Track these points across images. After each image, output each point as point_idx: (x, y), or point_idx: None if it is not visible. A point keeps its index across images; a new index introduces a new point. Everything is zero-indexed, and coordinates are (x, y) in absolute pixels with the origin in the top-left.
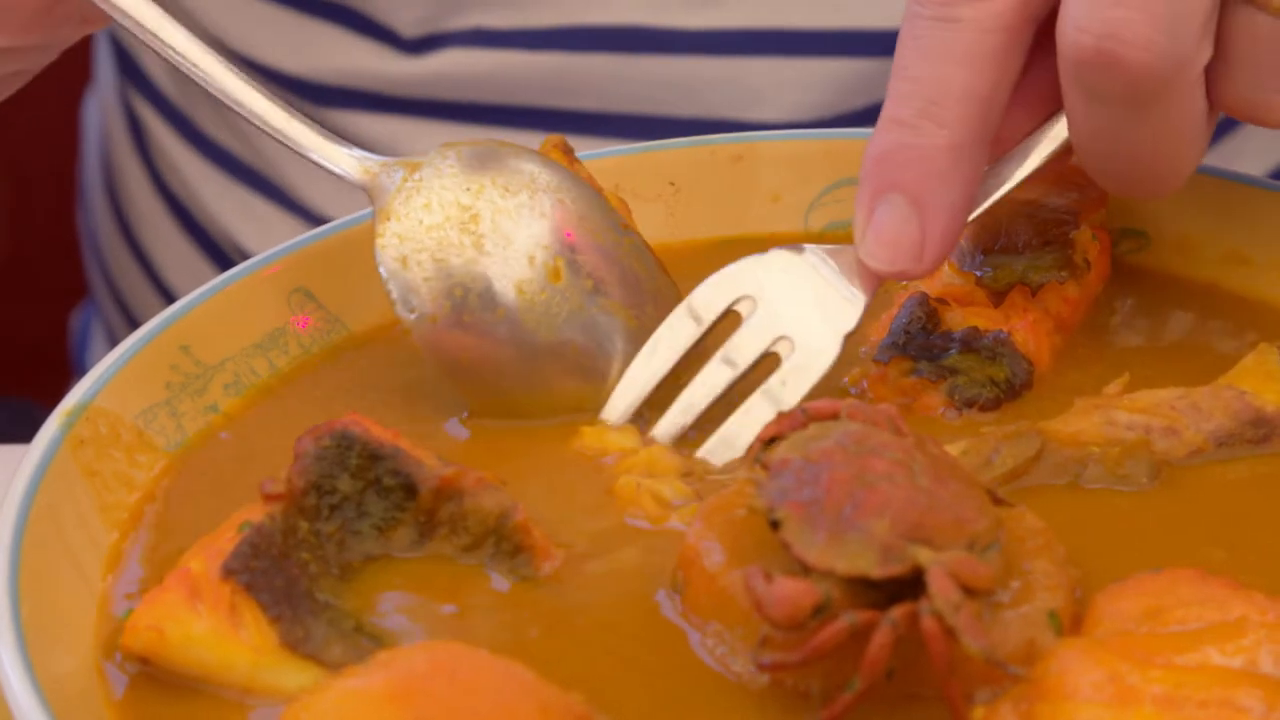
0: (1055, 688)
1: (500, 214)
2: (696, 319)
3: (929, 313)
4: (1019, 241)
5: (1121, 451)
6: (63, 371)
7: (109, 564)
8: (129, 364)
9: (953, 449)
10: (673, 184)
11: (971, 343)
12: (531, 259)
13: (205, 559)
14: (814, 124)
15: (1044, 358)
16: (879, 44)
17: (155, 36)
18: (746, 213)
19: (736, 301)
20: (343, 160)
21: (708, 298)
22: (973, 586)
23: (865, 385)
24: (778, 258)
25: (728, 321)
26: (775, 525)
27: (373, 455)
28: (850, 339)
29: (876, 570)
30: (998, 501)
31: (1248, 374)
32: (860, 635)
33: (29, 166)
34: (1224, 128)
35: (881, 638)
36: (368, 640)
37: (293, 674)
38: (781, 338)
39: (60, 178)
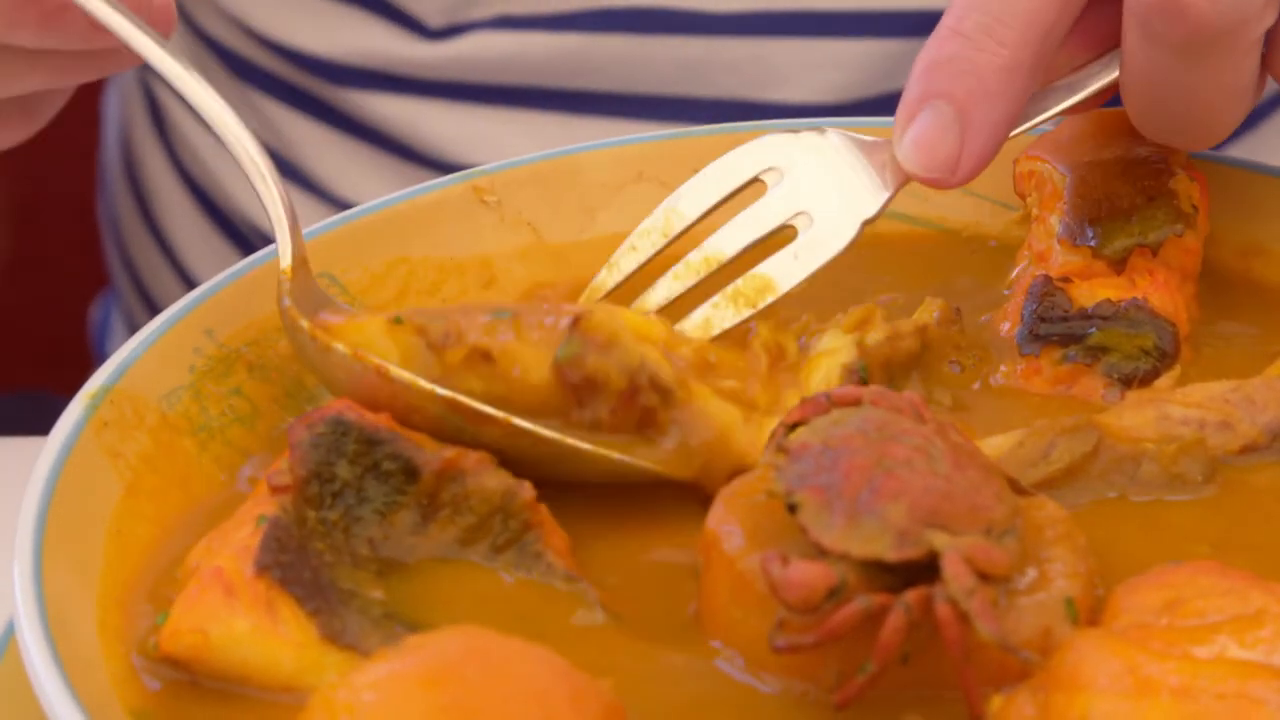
0: (1072, 678)
1: None
2: (723, 180)
3: (1057, 295)
4: (1123, 204)
5: (1178, 449)
6: (83, 364)
7: (132, 548)
8: (153, 347)
9: (1008, 440)
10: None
11: (1109, 316)
12: None
13: (230, 555)
14: (838, 107)
15: (1182, 314)
16: (904, 25)
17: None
18: None
19: (764, 171)
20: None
21: (737, 162)
22: (988, 572)
23: (1018, 382)
24: (808, 137)
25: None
26: (793, 509)
27: (369, 440)
28: (868, 225)
29: (891, 554)
30: (1018, 490)
31: None
32: (875, 619)
33: (46, 161)
34: (1247, 121)
35: (895, 621)
36: (400, 626)
37: (337, 668)
38: (801, 213)
39: (77, 172)
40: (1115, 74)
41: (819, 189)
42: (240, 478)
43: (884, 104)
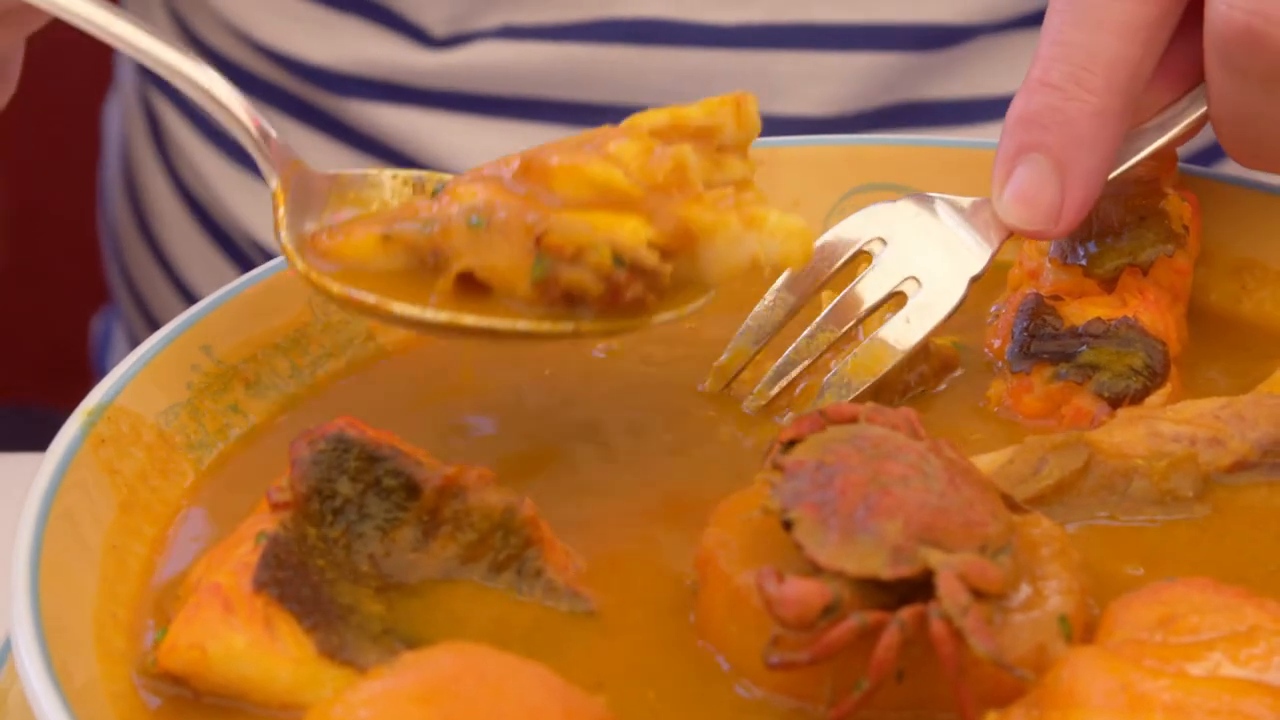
0: (1067, 695)
1: None
2: (829, 257)
3: (1048, 313)
4: (1114, 223)
5: (1168, 465)
6: (84, 377)
7: (129, 565)
8: (150, 364)
9: (999, 458)
10: None
11: (1099, 334)
12: None
13: (230, 571)
14: (837, 119)
15: (1171, 333)
16: (903, 39)
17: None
18: None
19: (868, 242)
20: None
21: (841, 237)
22: (983, 589)
23: (1008, 400)
24: (907, 206)
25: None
26: (788, 526)
27: (371, 457)
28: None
29: (886, 571)
30: (1013, 507)
31: None
32: (870, 636)
33: (48, 172)
34: None
35: (889, 638)
36: (399, 642)
37: (334, 683)
38: (909, 278)
39: (80, 183)
40: (1204, 108)
41: (924, 253)
42: (237, 493)
43: (883, 117)
